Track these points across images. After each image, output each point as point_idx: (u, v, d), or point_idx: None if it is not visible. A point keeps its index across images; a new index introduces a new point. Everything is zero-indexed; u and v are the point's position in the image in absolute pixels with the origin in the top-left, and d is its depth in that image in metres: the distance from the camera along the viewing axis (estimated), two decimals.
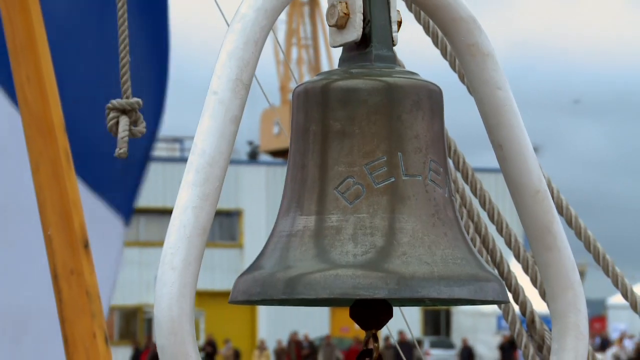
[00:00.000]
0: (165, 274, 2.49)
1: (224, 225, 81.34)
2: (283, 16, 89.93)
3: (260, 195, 79.61)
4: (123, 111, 4.74)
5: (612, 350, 64.86)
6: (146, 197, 79.35)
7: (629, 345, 69.02)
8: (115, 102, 4.76)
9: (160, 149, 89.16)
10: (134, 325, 78.65)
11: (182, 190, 2.52)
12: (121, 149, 4.81)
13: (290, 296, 2.56)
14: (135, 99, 4.94)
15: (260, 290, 2.59)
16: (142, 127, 4.85)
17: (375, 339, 2.69)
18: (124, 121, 4.71)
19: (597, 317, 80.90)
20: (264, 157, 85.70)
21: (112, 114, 4.73)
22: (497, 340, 68.86)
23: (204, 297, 63.71)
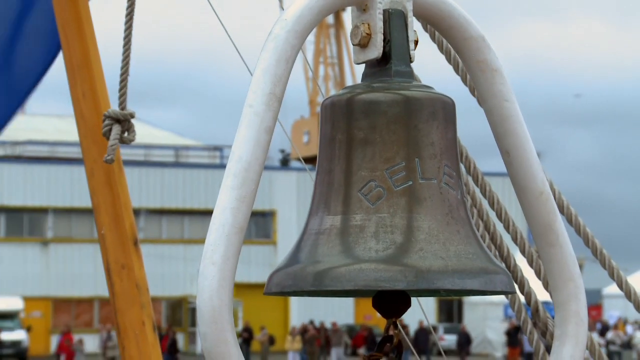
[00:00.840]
0: (206, 268, 2.51)
1: (259, 224, 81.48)
2: (311, 37, 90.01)
3: (291, 197, 79.66)
4: (117, 120, 4.76)
5: (609, 336, 64.81)
6: (190, 200, 79.61)
7: (630, 330, 68.88)
8: (111, 111, 4.80)
9: (202, 157, 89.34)
10: (180, 314, 78.80)
11: (222, 193, 2.53)
12: (109, 155, 4.88)
13: (319, 288, 2.57)
14: (129, 111, 4.97)
15: (292, 282, 2.60)
16: (132, 136, 4.88)
17: (396, 326, 2.69)
18: (116, 129, 4.74)
19: (594, 306, 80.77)
20: (295, 164, 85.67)
21: (107, 121, 4.76)
22: (504, 326, 68.83)
23: (241, 289, 63.85)
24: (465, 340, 57.63)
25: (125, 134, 4.86)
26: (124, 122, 4.81)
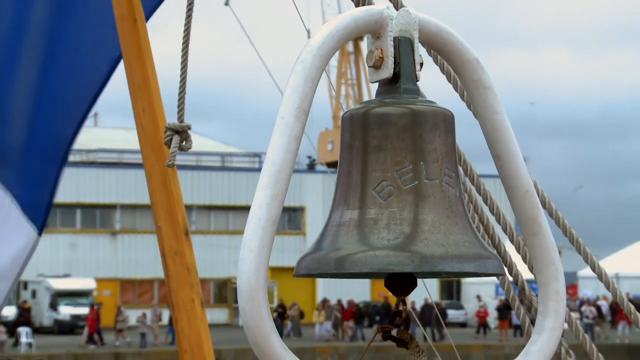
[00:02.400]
0: (245, 255, 2.51)
1: (291, 218, 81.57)
2: (334, 62, 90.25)
3: (317, 195, 79.62)
4: (177, 131, 4.76)
5: (583, 309, 64.77)
6: (233, 198, 79.67)
7: (604, 305, 68.68)
8: (171, 123, 4.79)
9: (243, 162, 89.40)
10: (225, 292, 78.80)
11: (258, 192, 2.52)
12: (170, 161, 4.87)
13: (340, 271, 2.57)
14: (187, 123, 4.92)
15: (317, 266, 2.59)
16: (189, 144, 4.87)
17: (404, 303, 2.67)
18: (175, 139, 4.74)
19: (570, 286, 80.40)
20: (320, 167, 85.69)
21: (168, 132, 4.75)
22: (495, 303, 68.84)
23: (276, 272, 63.92)
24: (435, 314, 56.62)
25: (184, 143, 4.85)
26: (182, 132, 4.80)
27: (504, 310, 61.49)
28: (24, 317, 59.76)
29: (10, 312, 60.30)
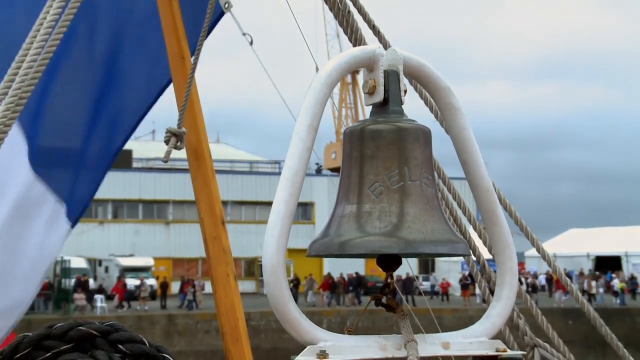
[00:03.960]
0: (268, 240, 2.50)
1: (304, 211, 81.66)
2: (336, 90, 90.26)
3: (324, 194, 79.61)
4: (174, 134, 4.75)
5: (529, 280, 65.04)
6: (259, 195, 79.81)
7: (542, 278, 68.78)
8: (171, 128, 4.83)
9: (266, 167, 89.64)
10: (253, 268, 78.77)
11: (278, 191, 2.52)
12: (165, 157, 4.99)
13: (342, 252, 2.56)
14: (183, 129, 4.93)
15: (325, 249, 2.58)
16: (182, 145, 4.94)
17: (392, 277, 2.66)
18: (172, 140, 4.75)
19: (519, 263, 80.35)
20: (326, 172, 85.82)
21: (167, 134, 4.77)
22: (459, 276, 69.02)
23: (292, 252, 63.46)
24: (402, 285, 56.33)
25: (179, 144, 4.86)
26: (179, 136, 4.81)
27: (466, 283, 62.21)
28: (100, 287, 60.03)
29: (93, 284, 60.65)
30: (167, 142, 4.86)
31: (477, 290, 58.88)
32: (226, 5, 5.30)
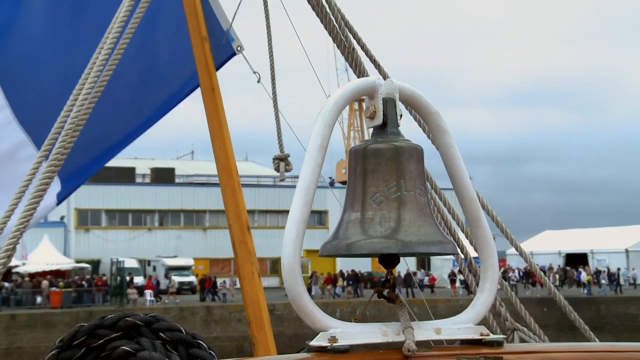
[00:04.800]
0: (286, 243, 2.49)
1: (319, 218, 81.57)
2: (345, 115, 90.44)
3: (336, 203, 79.47)
4: (281, 159, 4.75)
5: (509, 275, 64.85)
6: (281, 205, 79.83)
7: (517, 273, 68.50)
8: (277, 154, 4.82)
9: (287, 181, 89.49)
10: (277, 266, 78.55)
11: (294, 200, 2.52)
12: (280, 178, 4.98)
13: (348, 253, 2.55)
14: (286, 153, 4.91)
15: (333, 250, 2.58)
16: (290, 167, 4.88)
17: (392, 274, 2.64)
18: (282, 165, 4.76)
19: (501, 260, 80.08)
20: (337, 185, 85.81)
21: (276, 161, 4.76)
22: (448, 272, 69.15)
23: (310, 253, 63.54)
24: (404, 280, 56.32)
25: (287, 166, 4.90)
26: (285, 159, 4.83)
27: (453, 277, 63.02)
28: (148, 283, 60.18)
29: (139, 280, 60.77)
30: (276, 168, 4.96)
31: (457, 283, 60.48)
32: (238, 49, 5.33)
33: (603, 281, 66.81)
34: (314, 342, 2.45)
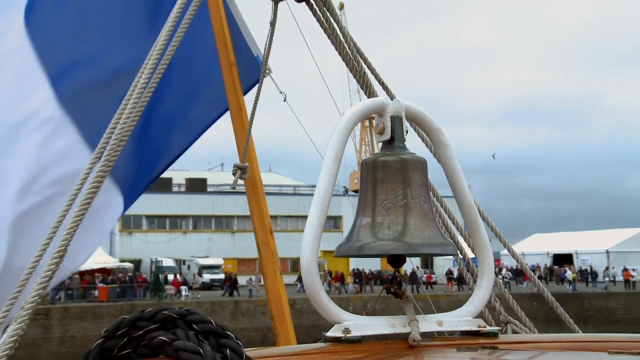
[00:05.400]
0: (304, 245, 2.50)
1: (334, 223, 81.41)
2: (357, 130, 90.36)
3: (349, 208, 79.38)
4: (240, 168, 4.71)
5: (503, 273, 64.50)
6: (303, 210, 79.72)
7: (509, 272, 68.10)
8: (237, 163, 4.74)
9: (305, 190, 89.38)
10: (297, 265, 78.49)
11: (312, 207, 2.53)
12: (232, 186, 4.85)
13: (360, 253, 2.55)
14: (246, 164, 4.76)
15: (347, 251, 2.58)
16: (246, 176, 4.80)
17: (399, 272, 2.63)
18: (238, 173, 4.71)
19: (496, 260, 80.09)
20: (351, 193, 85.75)
21: (234, 168, 4.71)
22: (454, 271, 69.00)
23: (326, 253, 63.17)
24: (409, 278, 56.49)
25: (243, 175, 4.82)
26: (243, 169, 4.78)
27: (451, 275, 63.66)
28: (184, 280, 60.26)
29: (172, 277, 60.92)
30: (234, 174, 4.82)
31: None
32: (268, 72, 5.31)
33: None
34: (330, 333, 2.45)
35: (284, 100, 5.13)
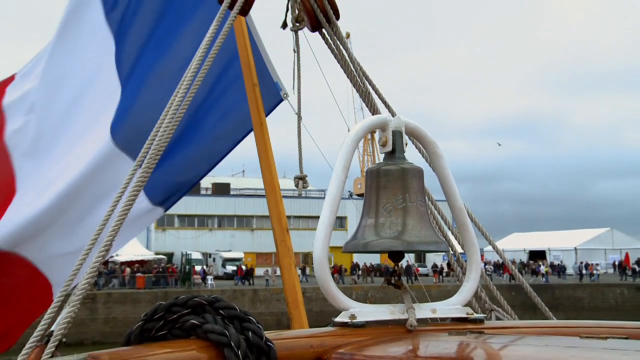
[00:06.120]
0: (316, 242, 2.47)
1: (340, 222, 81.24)
2: (361, 144, 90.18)
3: (353, 211, 79.20)
4: (301, 178, 4.66)
5: (485, 267, 64.32)
6: (314, 212, 79.71)
7: (491, 266, 67.79)
8: (298, 174, 4.65)
9: (317, 194, 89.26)
10: (308, 259, 78.57)
11: (323, 209, 2.51)
12: (298, 192, 4.74)
13: (364, 250, 2.53)
14: (304, 174, 4.67)
15: (353, 248, 2.56)
16: (307, 184, 4.70)
17: (398, 266, 2.62)
18: (300, 183, 4.65)
19: (480, 255, 79.66)
20: (355, 197, 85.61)
21: (295, 179, 4.65)
22: (438, 264, 68.90)
23: (333, 249, 63.10)
24: (406, 270, 56.56)
25: (305, 184, 4.76)
26: (304, 178, 4.74)
27: (438, 268, 64.47)
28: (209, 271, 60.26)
29: (198, 268, 60.93)
30: (296, 184, 4.69)
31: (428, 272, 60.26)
32: (285, 95, 5.32)
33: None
34: (338, 319, 2.43)
35: (299, 120, 5.09)
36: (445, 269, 66.75)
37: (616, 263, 71.66)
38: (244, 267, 64.58)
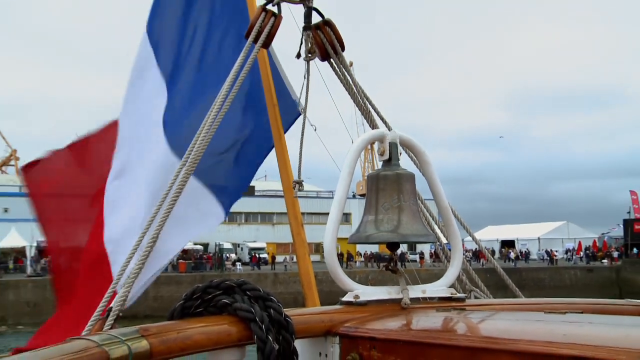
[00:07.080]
0: (326, 235, 2.47)
1: (345, 218, 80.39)
2: (362, 153, 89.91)
3: (356, 208, 79.03)
4: (298, 183, 4.57)
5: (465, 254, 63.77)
6: (323, 209, 79.45)
7: (470, 253, 67.37)
8: (296, 179, 4.54)
9: (326, 194, 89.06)
10: (319, 248, 78.32)
11: (332, 208, 2.48)
12: (295, 195, 4.59)
13: (367, 242, 2.49)
14: (301, 179, 4.52)
15: (357, 239, 2.54)
16: (302, 188, 4.54)
17: (395, 254, 2.59)
18: (297, 186, 4.58)
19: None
20: (358, 197, 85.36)
21: (294, 183, 4.55)
22: (425, 252, 68.74)
23: (340, 240, 63.24)
24: (400, 259, 56.42)
25: (300, 187, 4.69)
26: (300, 183, 4.69)
27: (421, 255, 64.86)
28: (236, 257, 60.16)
29: (232, 256, 60.86)
30: (294, 187, 4.57)
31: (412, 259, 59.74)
32: (302, 110, 5.21)
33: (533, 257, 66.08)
34: (344, 298, 2.42)
35: (314, 131, 5.03)
36: (427, 257, 66.90)
37: (570, 249, 71.84)
38: (259, 255, 64.39)
